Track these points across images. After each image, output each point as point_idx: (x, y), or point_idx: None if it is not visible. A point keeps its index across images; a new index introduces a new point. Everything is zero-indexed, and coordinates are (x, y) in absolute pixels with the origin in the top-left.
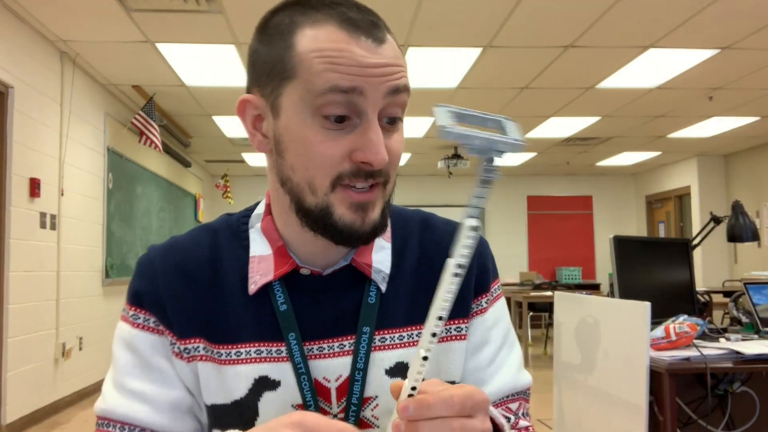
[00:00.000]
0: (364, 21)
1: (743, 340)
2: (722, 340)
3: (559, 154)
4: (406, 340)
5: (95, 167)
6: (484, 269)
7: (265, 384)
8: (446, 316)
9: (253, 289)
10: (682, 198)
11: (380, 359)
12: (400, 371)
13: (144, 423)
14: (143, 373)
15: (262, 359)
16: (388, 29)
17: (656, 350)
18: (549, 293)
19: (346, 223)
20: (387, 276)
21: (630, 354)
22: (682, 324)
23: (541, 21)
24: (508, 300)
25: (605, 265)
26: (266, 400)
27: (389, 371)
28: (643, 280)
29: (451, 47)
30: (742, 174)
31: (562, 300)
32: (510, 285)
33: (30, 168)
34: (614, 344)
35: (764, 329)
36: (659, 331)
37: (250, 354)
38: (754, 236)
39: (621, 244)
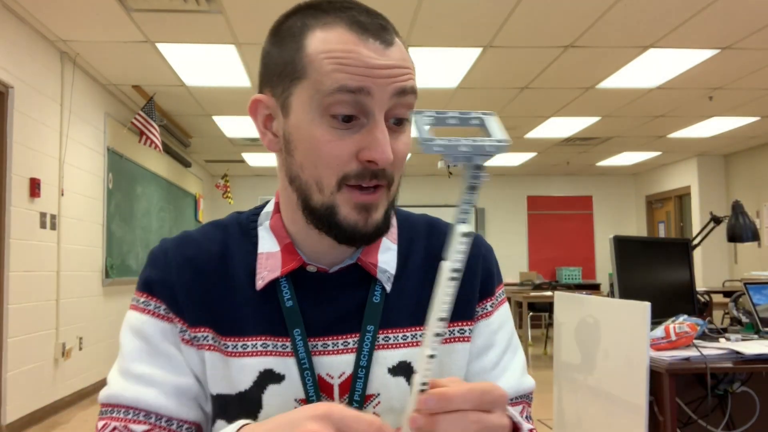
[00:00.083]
0: (373, 24)
1: (743, 340)
2: (722, 340)
3: (559, 154)
4: (410, 340)
5: (95, 167)
6: (489, 274)
7: (270, 377)
8: (448, 317)
9: (261, 285)
10: (682, 198)
11: (383, 358)
12: (403, 370)
13: (151, 406)
14: (151, 359)
15: (268, 353)
16: (397, 33)
17: (656, 350)
18: (549, 293)
19: (350, 223)
20: (392, 276)
21: (630, 354)
22: (682, 324)
23: (541, 21)
24: (508, 300)
25: (605, 265)
26: (270, 393)
27: (392, 370)
28: (643, 280)
29: (451, 47)
30: (742, 174)
31: (562, 300)
32: (510, 285)
33: (30, 168)
34: (614, 344)
35: (764, 329)
36: (659, 331)
37: (257, 347)
38: (754, 236)
39: (621, 244)
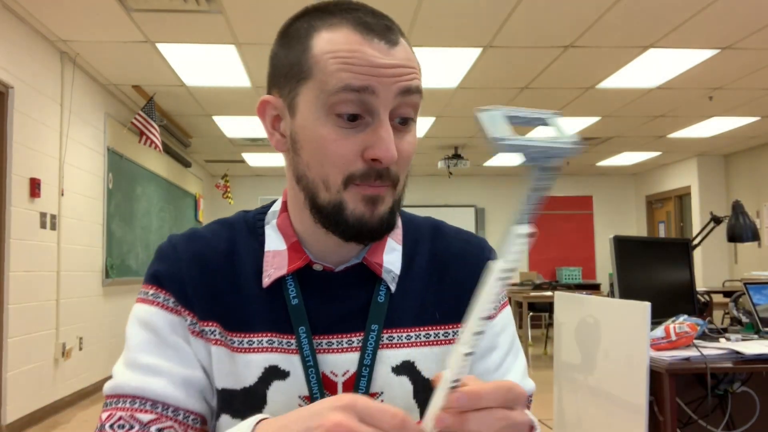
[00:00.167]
0: (379, 25)
1: (743, 340)
2: (722, 340)
3: None
4: (414, 340)
5: (95, 167)
6: None
7: (275, 373)
8: (490, 317)
9: (267, 282)
10: (682, 198)
11: (387, 357)
12: (406, 369)
13: (157, 395)
14: (159, 350)
15: (273, 349)
16: (403, 34)
17: (656, 350)
18: (549, 293)
19: (357, 216)
20: (397, 276)
21: (630, 354)
22: (682, 324)
23: (541, 21)
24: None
25: (605, 265)
26: (275, 389)
27: (395, 369)
28: (643, 280)
29: (451, 47)
30: (742, 174)
31: (562, 300)
32: (510, 285)
33: (30, 168)
34: (614, 344)
35: (764, 329)
36: (659, 331)
37: (262, 343)
38: (754, 236)
39: (621, 244)
